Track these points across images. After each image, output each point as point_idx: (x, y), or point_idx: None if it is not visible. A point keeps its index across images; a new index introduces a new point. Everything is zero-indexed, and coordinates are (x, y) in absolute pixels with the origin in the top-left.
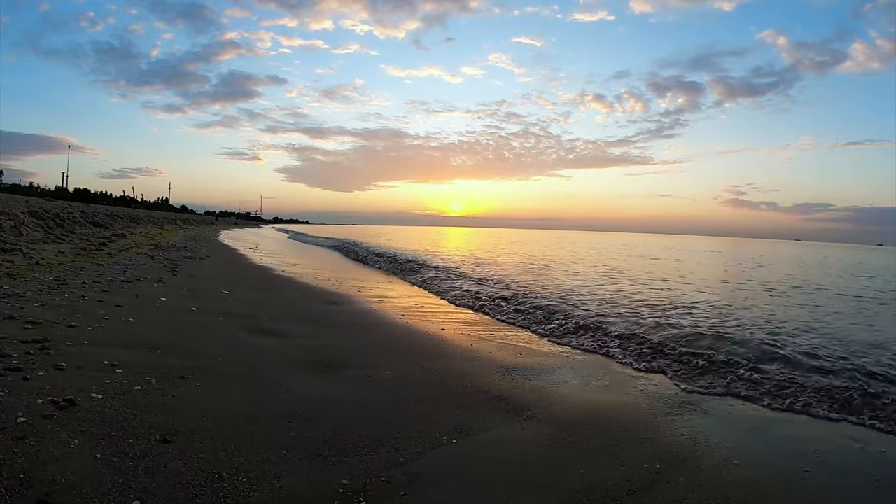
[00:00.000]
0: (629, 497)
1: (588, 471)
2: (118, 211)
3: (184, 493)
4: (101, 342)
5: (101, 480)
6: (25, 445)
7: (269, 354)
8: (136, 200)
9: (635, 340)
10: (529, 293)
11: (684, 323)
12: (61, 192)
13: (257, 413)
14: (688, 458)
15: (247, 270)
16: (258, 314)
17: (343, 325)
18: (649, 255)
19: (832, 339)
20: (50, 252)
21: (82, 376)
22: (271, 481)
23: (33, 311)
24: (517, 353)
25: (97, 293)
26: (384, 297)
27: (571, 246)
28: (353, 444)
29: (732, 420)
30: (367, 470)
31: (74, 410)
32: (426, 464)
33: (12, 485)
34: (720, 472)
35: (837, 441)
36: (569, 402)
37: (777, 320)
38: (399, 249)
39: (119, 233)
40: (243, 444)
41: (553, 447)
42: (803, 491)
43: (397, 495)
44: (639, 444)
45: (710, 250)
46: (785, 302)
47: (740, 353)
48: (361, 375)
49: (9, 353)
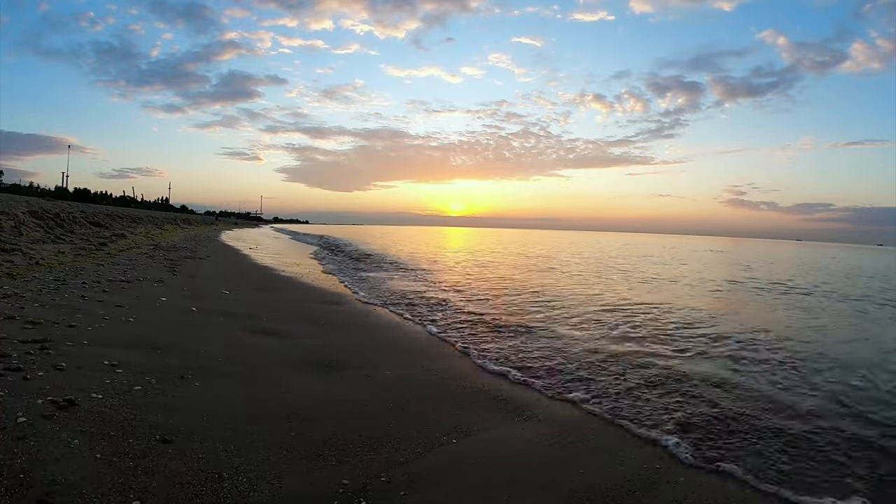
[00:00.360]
0: (629, 497)
1: (588, 471)
2: (118, 211)
3: (184, 493)
4: (101, 342)
5: (101, 480)
6: (25, 445)
7: (269, 354)
8: (136, 200)
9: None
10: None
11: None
12: (61, 192)
13: (257, 413)
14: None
15: (247, 270)
16: (258, 314)
17: (343, 325)
18: (651, 255)
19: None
20: (50, 252)
21: (82, 376)
22: (271, 481)
23: (33, 311)
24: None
25: (97, 293)
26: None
27: (550, 244)
28: (353, 444)
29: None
30: (367, 470)
31: (74, 410)
32: (426, 464)
33: (12, 485)
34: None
35: None
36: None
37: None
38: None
39: (119, 233)
40: (243, 444)
41: (553, 447)
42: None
43: (397, 495)
44: (638, 444)
45: (715, 250)
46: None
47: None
48: (361, 375)
49: (9, 353)
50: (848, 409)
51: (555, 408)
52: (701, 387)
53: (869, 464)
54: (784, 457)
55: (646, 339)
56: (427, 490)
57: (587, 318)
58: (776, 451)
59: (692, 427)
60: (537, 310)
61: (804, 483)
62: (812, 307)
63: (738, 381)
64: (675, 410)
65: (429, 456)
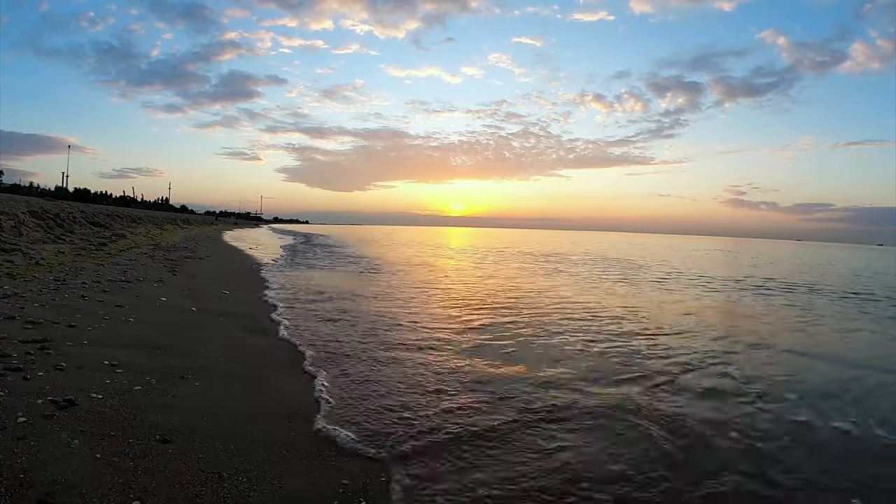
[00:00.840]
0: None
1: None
2: (118, 211)
3: (184, 493)
4: (101, 342)
5: (101, 480)
6: (25, 445)
7: (270, 354)
8: (136, 200)
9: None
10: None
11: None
12: (61, 193)
13: (257, 413)
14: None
15: (247, 270)
16: (258, 314)
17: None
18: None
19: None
20: (50, 252)
21: (82, 376)
22: (271, 481)
23: (33, 311)
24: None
25: (97, 293)
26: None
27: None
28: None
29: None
30: (367, 470)
31: (74, 410)
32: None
33: (12, 485)
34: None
35: None
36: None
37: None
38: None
39: (119, 233)
40: (243, 444)
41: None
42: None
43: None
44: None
45: (726, 250)
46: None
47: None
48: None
49: (9, 353)
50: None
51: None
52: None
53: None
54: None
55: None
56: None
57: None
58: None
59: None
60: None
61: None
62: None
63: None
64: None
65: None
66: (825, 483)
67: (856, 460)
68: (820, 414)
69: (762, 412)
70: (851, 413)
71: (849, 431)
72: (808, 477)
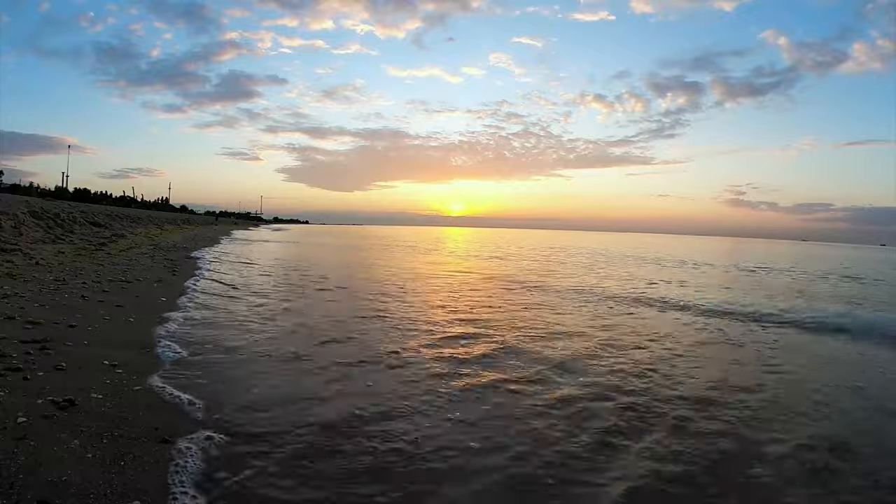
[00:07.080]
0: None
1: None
2: (118, 211)
3: None
4: (101, 342)
5: (101, 480)
6: (25, 445)
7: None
8: (136, 200)
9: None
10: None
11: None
12: (61, 193)
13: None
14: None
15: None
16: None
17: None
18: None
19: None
20: (50, 252)
21: (82, 376)
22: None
23: (33, 311)
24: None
25: (97, 293)
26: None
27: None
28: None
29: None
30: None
31: (74, 410)
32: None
33: (12, 485)
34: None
35: None
36: None
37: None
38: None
39: (119, 233)
40: None
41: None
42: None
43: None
44: None
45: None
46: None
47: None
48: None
49: (9, 353)
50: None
51: None
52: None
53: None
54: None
55: None
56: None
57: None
58: None
59: None
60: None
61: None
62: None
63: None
64: None
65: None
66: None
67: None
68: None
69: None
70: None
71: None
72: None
